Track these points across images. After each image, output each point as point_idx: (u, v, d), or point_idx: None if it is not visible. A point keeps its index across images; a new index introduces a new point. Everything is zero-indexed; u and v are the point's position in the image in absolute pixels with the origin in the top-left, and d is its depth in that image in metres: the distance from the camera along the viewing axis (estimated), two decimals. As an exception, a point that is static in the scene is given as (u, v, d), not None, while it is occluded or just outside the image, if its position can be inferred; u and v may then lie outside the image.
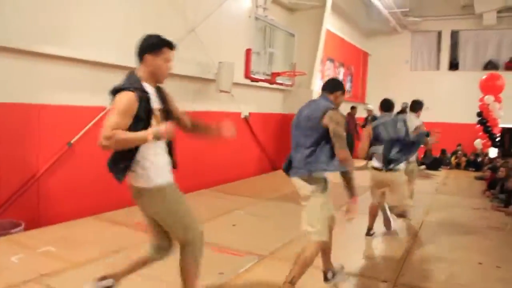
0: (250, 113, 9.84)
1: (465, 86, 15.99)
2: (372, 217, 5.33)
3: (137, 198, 2.73)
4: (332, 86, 3.44)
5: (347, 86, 16.14)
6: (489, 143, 12.39)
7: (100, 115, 5.92)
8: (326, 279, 3.62)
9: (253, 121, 10.02)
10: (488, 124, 12.09)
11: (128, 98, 2.47)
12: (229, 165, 9.08)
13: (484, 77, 11.98)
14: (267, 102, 10.85)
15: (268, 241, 4.80)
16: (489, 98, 11.56)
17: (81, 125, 5.73)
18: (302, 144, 3.28)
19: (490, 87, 11.64)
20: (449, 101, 15.97)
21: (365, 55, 17.77)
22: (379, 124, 4.90)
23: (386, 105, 5.09)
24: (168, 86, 7.37)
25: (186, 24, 7.50)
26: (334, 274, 3.64)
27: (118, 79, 2.66)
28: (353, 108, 12.10)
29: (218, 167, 8.58)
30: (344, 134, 3.17)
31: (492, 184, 8.43)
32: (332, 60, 14.39)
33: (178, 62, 7.42)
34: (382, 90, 16.37)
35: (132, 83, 2.56)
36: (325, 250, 3.52)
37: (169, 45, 2.64)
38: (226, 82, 8.11)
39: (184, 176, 7.50)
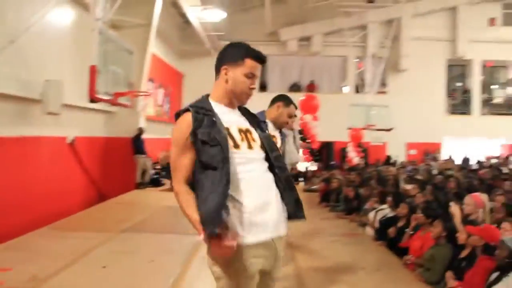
0: (76, 138, 8.94)
1: (274, 106, 17.54)
2: None
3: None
4: None
5: (166, 107, 16.05)
6: (310, 157, 13.75)
7: None
8: None
9: (79, 147, 9.13)
10: (308, 140, 13.40)
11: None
12: (55, 199, 8.06)
13: (302, 98, 13.29)
14: (92, 125, 10.02)
15: (156, 280, 4.36)
16: (308, 117, 12.84)
17: None
18: None
19: (308, 107, 12.93)
20: (261, 120, 17.24)
21: (180, 76, 17.96)
22: None
23: None
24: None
25: (5, 33, 6.44)
26: None
27: None
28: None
29: (42, 202, 7.51)
30: None
31: (325, 195, 9.32)
32: (152, 81, 14.13)
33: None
34: (198, 112, 16.84)
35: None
36: None
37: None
38: (54, 103, 7.20)
39: (4, 214, 6.43)
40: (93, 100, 7.03)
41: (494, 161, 14.85)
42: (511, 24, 18.12)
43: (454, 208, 4.67)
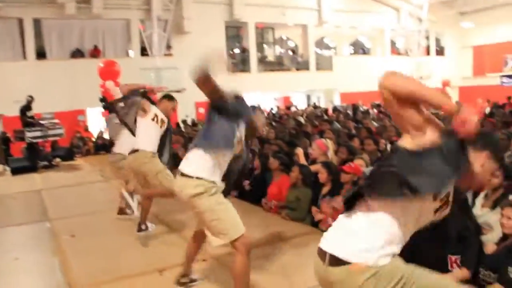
0: None
1: (55, 74, 16.47)
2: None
3: None
4: None
5: None
6: None
7: None
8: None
9: None
10: (112, 107, 13.11)
11: None
12: None
13: (101, 64, 12.84)
14: None
15: (39, 278, 4.21)
16: (110, 83, 12.49)
17: None
18: None
19: (109, 73, 12.59)
20: (42, 90, 15.97)
21: None
22: None
23: None
24: None
25: None
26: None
27: None
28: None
29: None
30: None
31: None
32: None
33: None
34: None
35: None
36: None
37: None
38: None
39: None
40: None
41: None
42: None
43: (298, 151, 5.64)
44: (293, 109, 17.49)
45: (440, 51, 26.20)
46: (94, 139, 14.19)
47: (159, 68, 16.77)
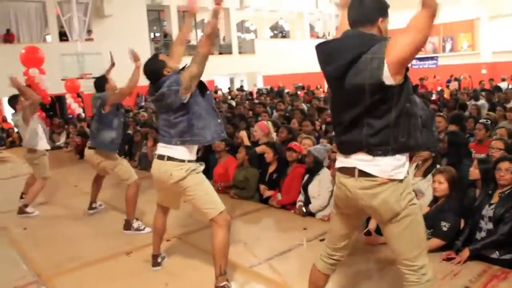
0: None
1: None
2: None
3: None
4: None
5: None
6: (43, 113, 12.88)
7: None
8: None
9: None
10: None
11: None
12: None
13: (23, 51, 12.13)
14: None
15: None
16: (34, 71, 11.93)
17: None
18: None
19: (32, 60, 11.98)
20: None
21: None
22: None
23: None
24: None
25: None
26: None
27: None
28: None
29: None
30: None
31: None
32: None
33: None
34: None
35: None
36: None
37: None
38: None
39: None
40: None
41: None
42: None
43: (242, 133, 5.91)
44: (219, 93, 17.66)
45: (356, 35, 27.49)
46: (16, 130, 13.52)
47: (81, 54, 16.14)
